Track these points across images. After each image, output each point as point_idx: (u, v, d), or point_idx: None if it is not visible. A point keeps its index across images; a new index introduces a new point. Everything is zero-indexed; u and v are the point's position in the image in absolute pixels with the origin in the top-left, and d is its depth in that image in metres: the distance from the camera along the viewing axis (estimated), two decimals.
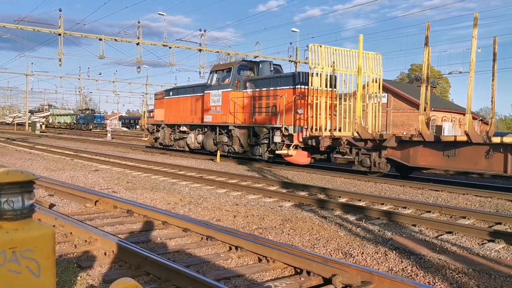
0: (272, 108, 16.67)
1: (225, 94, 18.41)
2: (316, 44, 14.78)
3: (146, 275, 4.45)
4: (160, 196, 9.49)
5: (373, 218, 7.68)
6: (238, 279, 4.53)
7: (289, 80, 16.26)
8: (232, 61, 19.81)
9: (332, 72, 15.15)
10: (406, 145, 12.45)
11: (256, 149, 17.26)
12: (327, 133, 14.65)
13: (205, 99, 19.57)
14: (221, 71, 19.28)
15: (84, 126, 69.49)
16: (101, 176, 12.60)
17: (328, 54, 14.88)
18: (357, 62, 14.06)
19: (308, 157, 15.67)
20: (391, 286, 4.08)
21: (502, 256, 5.62)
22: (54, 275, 2.23)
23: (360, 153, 13.60)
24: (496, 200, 9.66)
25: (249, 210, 8.17)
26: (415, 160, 12.27)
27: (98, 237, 5.36)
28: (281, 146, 15.97)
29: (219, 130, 18.92)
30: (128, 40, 31.35)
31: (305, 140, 15.44)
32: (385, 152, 12.86)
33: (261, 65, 19.09)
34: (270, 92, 16.88)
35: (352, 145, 13.75)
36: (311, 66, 14.73)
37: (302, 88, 15.73)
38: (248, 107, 17.79)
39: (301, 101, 15.65)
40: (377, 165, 13.05)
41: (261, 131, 16.93)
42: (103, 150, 23.45)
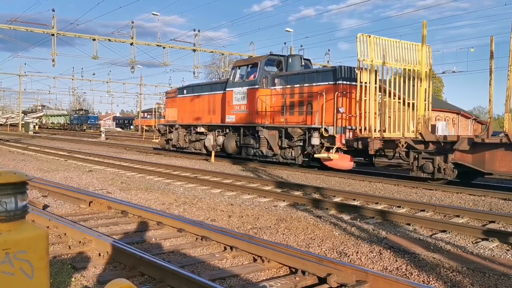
0: (307, 107, 15.11)
1: (251, 91, 16.86)
2: (365, 34, 13.10)
3: (141, 276, 4.44)
4: (155, 197, 9.47)
5: (367, 217, 7.70)
6: (233, 279, 4.53)
7: (328, 75, 14.64)
8: (258, 56, 17.93)
9: (382, 66, 13.43)
10: (480, 148, 10.87)
11: (288, 152, 15.69)
12: (377, 134, 13.15)
13: (227, 97, 17.97)
14: (245, 66, 17.70)
15: (77, 127, 69.26)
16: (95, 176, 12.55)
17: (379, 46, 13.21)
18: (421, 52, 12.93)
19: (351, 161, 14.06)
20: (386, 285, 4.09)
21: (496, 254, 5.65)
22: (47, 276, 2.22)
23: (420, 157, 11.98)
24: (489, 199, 9.72)
25: (244, 210, 8.16)
26: (492, 165, 10.72)
27: (93, 238, 5.33)
28: (319, 149, 14.47)
29: (243, 131, 17.36)
30: (122, 40, 31.25)
31: (349, 142, 13.84)
32: (452, 156, 11.31)
33: (290, 59, 17.36)
34: (304, 89, 15.27)
35: (410, 148, 12.23)
36: (360, 59, 12.94)
37: (344, 84, 14.22)
38: (278, 105, 16.20)
39: (343, 98, 14.15)
40: (442, 171, 11.49)
41: (295, 132, 15.27)
42: (97, 150, 23.36)
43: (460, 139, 11.15)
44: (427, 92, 13.68)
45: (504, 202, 9.34)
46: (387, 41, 13.45)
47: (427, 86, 13.70)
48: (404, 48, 13.66)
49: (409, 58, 13.68)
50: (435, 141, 11.74)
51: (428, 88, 13.81)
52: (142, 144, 30.42)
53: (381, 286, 4.12)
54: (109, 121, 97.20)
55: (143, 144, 30.48)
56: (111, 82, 65.91)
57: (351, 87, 14.08)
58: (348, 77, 14.24)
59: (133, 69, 32.83)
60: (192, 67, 35.44)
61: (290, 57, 17.48)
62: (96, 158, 18.04)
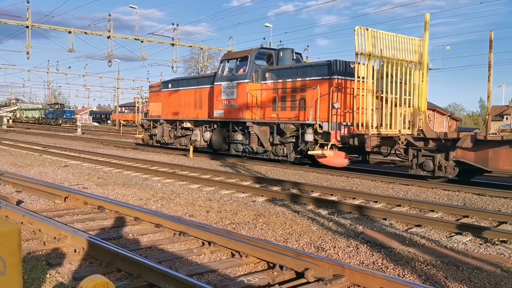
0: (300, 102, 14.59)
1: (241, 86, 16.24)
2: (363, 27, 12.58)
3: (118, 272, 4.39)
4: (132, 192, 9.38)
5: (345, 212, 7.78)
6: (211, 274, 4.52)
7: (323, 69, 14.06)
8: (248, 49, 17.12)
9: (380, 60, 12.98)
10: (484, 145, 10.55)
11: (280, 149, 15.20)
12: (374, 130, 12.71)
13: (215, 92, 17.32)
14: (235, 59, 17.00)
15: (53, 121, 68.06)
16: (71, 172, 12.35)
17: (376, 40, 12.72)
18: (423, 47, 12.49)
19: (345, 158, 13.59)
20: (362, 279, 4.14)
21: (469, 248, 5.78)
22: (20, 272, 2.17)
23: (420, 154, 11.62)
24: (463, 194, 9.92)
25: (222, 205, 8.15)
26: (495, 163, 10.41)
27: (68, 234, 5.25)
28: (313, 146, 14.01)
29: (232, 126, 16.81)
30: (99, 33, 30.74)
31: (344, 139, 13.43)
32: (453, 154, 11.00)
33: (281, 53, 16.78)
34: (297, 83, 14.74)
35: (409, 145, 11.87)
36: (358, 53, 12.45)
37: (339, 79, 13.74)
38: (269, 100, 15.68)
39: (338, 93, 13.66)
40: (443, 169, 11.16)
41: (287, 129, 14.72)
42: (73, 145, 22.98)
43: (463, 136, 10.87)
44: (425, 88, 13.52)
45: (478, 197, 9.55)
46: (385, 35, 13.03)
47: (422, 81, 13.52)
48: (402, 42, 13.28)
49: (406, 52, 13.35)
50: (435, 138, 11.43)
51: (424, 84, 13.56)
52: (119, 139, 30.08)
53: (357, 280, 4.17)
54: (86, 115, 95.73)
55: (121, 139, 30.14)
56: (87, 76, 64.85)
57: (346, 81, 13.75)
58: (343, 71, 13.81)
59: (110, 63, 32.40)
60: (171, 62, 35.19)
61: (281, 51, 16.97)
62: (72, 153, 17.75)
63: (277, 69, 15.87)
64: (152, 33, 34.48)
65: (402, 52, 13.20)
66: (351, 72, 13.43)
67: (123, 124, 58.45)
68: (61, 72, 62.21)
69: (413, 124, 13.37)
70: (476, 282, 4.50)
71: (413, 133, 12.79)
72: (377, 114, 12.94)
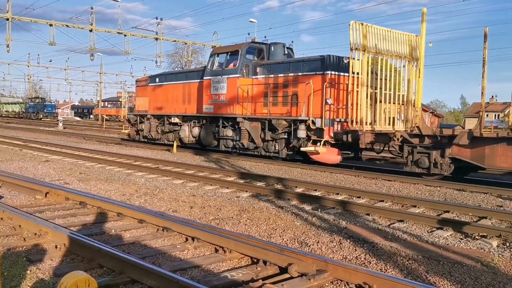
0: (292, 98, 14.33)
1: (232, 80, 15.90)
2: (358, 22, 12.31)
3: (100, 268, 4.35)
4: (115, 187, 9.29)
5: (328, 207, 7.82)
6: (194, 270, 4.50)
7: (316, 64, 13.83)
8: (238, 43, 16.79)
9: (374, 56, 12.72)
10: (480, 143, 10.45)
11: (272, 145, 14.93)
12: (368, 127, 12.54)
13: (205, 87, 16.97)
14: (225, 54, 16.66)
15: (33, 115, 67.03)
16: (52, 167, 12.18)
17: (371, 35, 12.48)
18: (420, 42, 12.18)
19: (338, 155, 13.38)
20: (345, 274, 4.17)
21: (450, 243, 5.86)
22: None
23: (416, 151, 11.45)
24: (444, 189, 10.06)
25: (206, 201, 8.13)
26: (492, 161, 10.30)
27: (49, 230, 5.18)
28: (306, 142, 13.80)
29: (222, 122, 16.45)
30: (81, 26, 30.30)
31: (338, 135, 13.24)
32: (449, 151, 10.86)
33: (273, 47, 16.42)
34: (289, 78, 14.51)
35: (405, 142, 11.68)
36: (353, 48, 12.20)
37: (333, 74, 13.48)
38: (260, 96, 15.37)
39: (332, 89, 13.42)
40: (439, 166, 11.02)
41: (279, 124, 14.48)
42: (54, 140, 22.66)
43: (460, 133, 10.81)
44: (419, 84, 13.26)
45: (458, 193, 9.69)
46: (379, 30, 12.78)
47: (416, 78, 13.30)
48: (396, 38, 13.11)
49: (400, 48, 13.16)
50: (431, 135, 11.32)
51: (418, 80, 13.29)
52: (102, 134, 29.75)
53: (340, 275, 4.20)
54: (67, 110, 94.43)
55: (104, 134, 29.82)
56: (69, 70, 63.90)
57: (340, 77, 13.54)
58: (336, 66, 13.57)
59: (92, 57, 31.92)
60: (155, 56, 34.86)
61: (272, 45, 16.56)
62: (53, 148, 17.50)
63: (268, 63, 15.63)
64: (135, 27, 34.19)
65: (396, 47, 13.04)
66: (344, 67, 13.36)
67: (106, 119, 57.87)
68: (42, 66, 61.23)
69: (406, 120, 13.25)
70: (456, 276, 4.57)
71: (406, 130, 12.68)
72: (371, 111, 12.76)
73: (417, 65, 13.38)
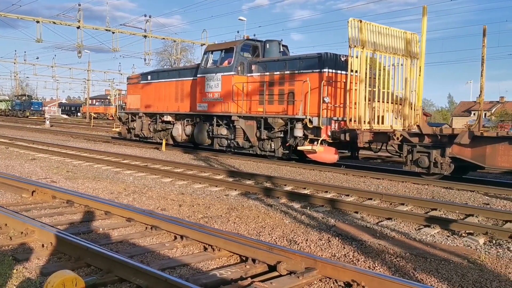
0: (289, 96, 14.13)
1: (226, 78, 15.66)
2: (356, 19, 12.14)
3: (87, 267, 4.31)
4: (103, 186, 9.22)
5: (317, 205, 7.84)
6: (183, 268, 4.49)
7: (313, 62, 13.62)
8: (234, 40, 16.61)
9: (372, 54, 12.65)
10: (481, 142, 10.36)
11: (267, 144, 14.69)
12: (366, 126, 12.45)
13: (198, 84, 16.75)
14: (219, 51, 16.49)
15: (20, 113, 66.38)
16: (39, 165, 12.05)
17: (370, 32, 12.37)
18: (421, 41, 11.95)
19: (336, 154, 13.17)
20: (333, 272, 4.19)
21: (437, 240, 5.91)
22: None
23: (415, 150, 11.34)
24: (432, 187, 10.14)
25: (195, 199, 8.11)
26: (493, 160, 10.21)
27: (35, 229, 5.12)
28: (302, 141, 13.61)
29: (216, 120, 16.20)
30: (68, 23, 30.05)
31: (335, 134, 13.10)
32: (449, 150, 10.76)
33: (268, 45, 16.21)
34: (285, 76, 14.27)
35: (404, 141, 11.56)
36: (351, 45, 12.09)
37: (330, 72, 13.30)
38: (255, 94, 15.15)
39: (329, 87, 13.24)
40: (439, 165, 10.94)
41: (275, 123, 14.22)
42: (41, 138, 22.44)
43: (461, 132, 10.68)
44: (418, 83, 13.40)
45: (446, 191, 9.78)
46: (377, 27, 12.67)
47: (414, 76, 13.43)
48: (394, 35, 12.99)
49: (398, 46, 13.10)
50: (431, 134, 11.20)
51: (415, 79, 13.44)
52: (90, 132, 29.53)
53: (329, 273, 4.21)
54: (54, 107, 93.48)
55: (92, 132, 29.60)
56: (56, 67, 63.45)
57: (337, 75, 13.41)
58: (333, 64, 13.40)
59: (80, 54, 31.72)
60: (143, 54, 34.71)
61: (268, 43, 16.34)
62: (40, 146, 17.32)
63: (264, 61, 15.44)
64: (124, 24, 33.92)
65: (394, 45, 12.96)
66: (341, 65, 13.27)
67: (94, 117, 57.45)
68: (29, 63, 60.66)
69: (404, 119, 13.21)
70: (443, 274, 4.61)
71: (404, 128, 12.66)
72: (369, 109, 12.67)
73: (415, 63, 13.36)
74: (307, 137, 13.48)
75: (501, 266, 4.91)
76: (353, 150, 14.10)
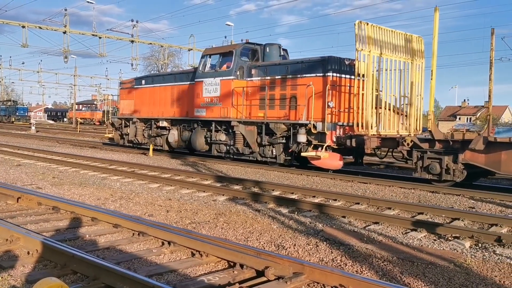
0: (291, 101, 13.83)
1: (225, 82, 15.30)
2: (363, 22, 11.95)
3: (73, 274, 4.26)
4: (90, 192, 9.14)
5: (305, 210, 7.86)
6: (170, 275, 4.46)
7: (317, 66, 13.34)
8: (233, 44, 16.39)
9: (379, 57, 12.40)
10: (495, 148, 10.06)
11: (268, 150, 14.34)
12: (373, 131, 12.14)
13: (196, 89, 16.34)
14: (218, 55, 16.07)
15: (5, 118, 65.67)
16: (24, 171, 11.91)
17: (377, 35, 12.14)
18: (433, 43, 11.17)
19: (340, 160, 12.82)
20: (321, 276, 4.19)
21: (424, 244, 5.96)
22: None
23: (426, 157, 10.98)
24: (418, 192, 10.23)
25: (183, 205, 8.07)
26: (509, 166, 9.93)
27: (21, 236, 5.06)
28: (306, 147, 13.29)
29: (215, 126, 15.79)
30: (54, 28, 29.82)
31: (340, 140, 12.80)
32: (462, 156, 10.45)
33: (268, 48, 15.82)
34: (287, 80, 14.01)
35: (414, 147, 11.20)
36: (358, 49, 11.79)
37: (335, 76, 13.02)
38: (255, 99, 14.81)
39: (333, 92, 12.92)
40: (451, 172, 10.57)
41: (278, 128, 13.83)
42: (26, 144, 22.18)
43: (476, 138, 10.41)
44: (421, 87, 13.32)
45: (432, 195, 9.86)
46: (384, 30, 12.44)
47: (419, 80, 13.28)
48: (399, 38, 12.80)
49: (404, 49, 12.88)
50: (443, 140, 10.84)
51: (421, 83, 13.36)
52: (76, 138, 29.26)
53: (317, 277, 4.22)
54: (40, 113, 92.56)
55: (78, 138, 29.34)
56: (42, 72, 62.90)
57: (341, 79, 13.17)
58: (337, 68, 13.13)
59: (66, 59, 31.42)
60: (130, 59, 34.48)
61: (268, 46, 15.93)
62: (25, 152, 17.11)
63: (264, 65, 15.13)
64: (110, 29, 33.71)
65: (400, 48, 12.76)
66: (346, 69, 13.11)
67: (81, 122, 56.98)
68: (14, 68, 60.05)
69: (409, 124, 13.03)
70: (430, 277, 4.65)
71: (409, 134, 12.45)
72: (376, 114, 12.39)
73: (421, 66, 13.26)
74: (311, 143, 13.18)
75: (487, 270, 4.96)
76: (357, 156, 13.87)
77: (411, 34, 13.26)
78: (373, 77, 12.18)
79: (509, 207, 8.66)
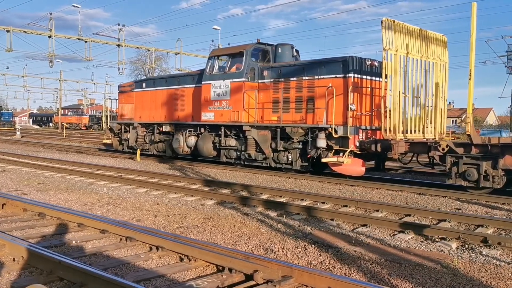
0: (308, 104, 13.18)
1: (236, 85, 14.50)
2: (390, 19, 11.22)
3: (60, 281, 4.21)
4: (76, 197, 9.05)
5: (293, 213, 7.86)
6: (159, 280, 4.43)
7: (336, 67, 12.63)
8: (243, 44, 15.37)
9: (406, 57, 11.70)
10: None
11: (283, 156, 13.57)
12: (401, 135, 11.44)
13: (203, 92, 15.51)
14: (227, 56, 15.33)
15: None
16: (9, 177, 11.75)
17: (403, 34, 11.50)
18: (471, 41, 10.30)
19: (363, 166, 12.07)
20: (310, 279, 4.20)
21: (411, 246, 6.00)
22: None
23: (461, 162, 10.26)
24: (406, 194, 10.30)
25: (170, 209, 8.03)
26: None
27: (6, 242, 4.98)
28: (326, 152, 12.51)
29: (224, 131, 15.02)
30: (39, 32, 29.53)
31: (364, 145, 12.10)
32: (502, 162, 9.83)
33: (280, 49, 14.98)
34: (303, 82, 13.27)
35: (449, 152, 10.48)
36: (386, 48, 11.06)
37: (356, 78, 12.34)
38: (268, 102, 14.12)
39: (355, 94, 12.25)
40: (490, 179, 9.89)
41: (294, 133, 13.16)
42: (11, 149, 21.90)
43: None
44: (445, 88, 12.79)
45: (419, 197, 9.94)
46: (409, 28, 11.76)
47: (443, 81, 12.75)
48: (425, 37, 12.14)
49: (430, 49, 12.28)
50: (480, 144, 10.18)
51: (444, 84, 12.81)
52: (62, 143, 28.96)
53: (305, 281, 4.22)
54: (25, 118, 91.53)
55: (64, 143, 29.04)
56: (27, 77, 62.08)
57: (362, 80, 12.51)
58: (358, 69, 12.44)
59: (51, 64, 31.08)
60: (117, 63, 34.29)
61: (280, 47, 15.09)
62: (10, 157, 16.89)
63: (278, 66, 14.37)
64: (97, 33, 33.46)
65: (427, 47, 12.16)
66: (367, 70, 12.64)
67: (67, 127, 56.46)
68: None
69: (434, 128, 12.56)
70: (418, 278, 4.68)
71: (434, 138, 12.14)
72: (403, 118, 11.75)
73: (445, 67, 12.76)
74: (331, 148, 12.41)
75: (473, 270, 5.01)
76: (379, 161, 13.41)
77: (435, 32, 12.63)
78: (400, 77, 11.53)
79: (494, 208, 8.77)
